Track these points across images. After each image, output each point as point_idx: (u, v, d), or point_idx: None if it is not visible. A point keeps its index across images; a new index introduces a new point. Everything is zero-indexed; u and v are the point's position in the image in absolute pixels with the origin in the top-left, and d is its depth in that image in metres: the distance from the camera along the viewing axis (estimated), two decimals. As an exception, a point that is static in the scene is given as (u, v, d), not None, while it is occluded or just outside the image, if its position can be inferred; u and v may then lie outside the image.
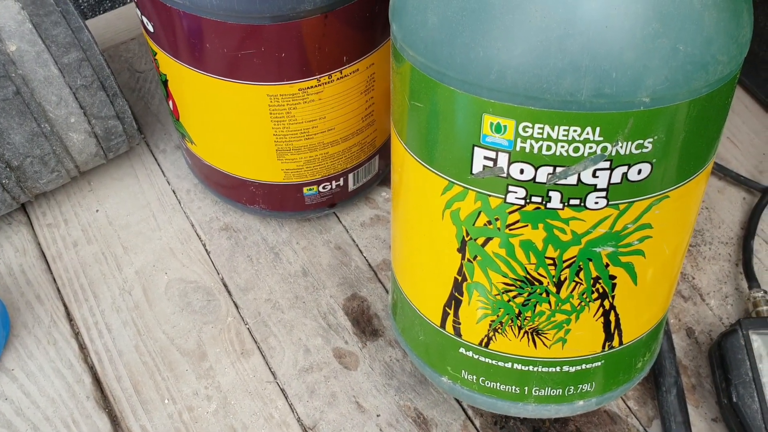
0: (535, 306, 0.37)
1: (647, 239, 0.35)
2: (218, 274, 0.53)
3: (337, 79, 0.44)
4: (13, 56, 0.47)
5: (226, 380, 0.49)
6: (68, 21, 0.48)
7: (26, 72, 0.47)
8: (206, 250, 0.54)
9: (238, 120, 0.45)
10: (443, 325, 0.41)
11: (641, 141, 0.31)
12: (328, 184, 0.51)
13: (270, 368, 0.50)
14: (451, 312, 0.40)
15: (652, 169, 0.33)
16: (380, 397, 0.49)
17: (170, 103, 0.49)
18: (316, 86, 0.43)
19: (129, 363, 0.50)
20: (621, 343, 0.40)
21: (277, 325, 0.51)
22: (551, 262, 0.35)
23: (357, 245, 0.55)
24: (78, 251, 0.54)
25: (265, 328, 0.51)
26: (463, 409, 0.49)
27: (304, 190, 0.51)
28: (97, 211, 0.56)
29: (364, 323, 0.52)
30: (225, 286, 0.53)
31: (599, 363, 0.40)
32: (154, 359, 0.50)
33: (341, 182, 0.52)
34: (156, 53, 0.44)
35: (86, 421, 0.48)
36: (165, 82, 0.47)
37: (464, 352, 0.41)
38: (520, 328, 0.39)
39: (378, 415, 0.48)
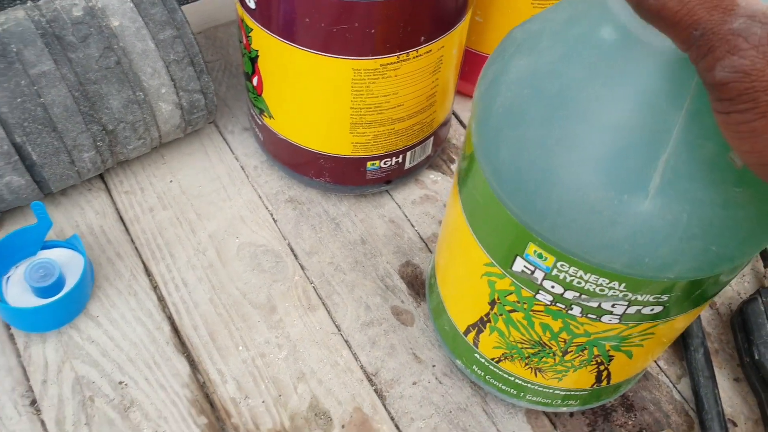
0: (542, 358, 0.42)
1: (648, 338, 0.40)
2: (285, 239, 0.57)
3: (413, 57, 0.48)
4: (115, 30, 0.50)
5: (294, 331, 0.52)
6: (164, 2, 0.52)
7: (126, 45, 0.51)
8: (273, 218, 0.58)
9: (321, 93, 0.49)
10: (466, 335, 0.46)
11: (659, 296, 0.35)
12: (389, 160, 0.55)
13: (334, 322, 0.53)
14: (474, 332, 0.45)
15: (664, 309, 0.36)
16: (435, 350, 0.52)
17: (254, 80, 0.52)
18: (395, 63, 0.47)
19: (204, 314, 0.53)
20: (609, 383, 0.45)
21: (339, 285, 0.55)
22: (563, 340, 0.40)
23: (409, 220, 0.59)
24: (154, 216, 0.57)
25: (329, 286, 0.55)
26: (510, 364, 0.52)
27: (368, 164, 0.55)
28: (170, 181, 0.59)
29: (418, 286, 0.55)
30: (291, 250, 0.56)
31: (586, 392, 0.46)
32: (227, 311, 0.53)
33: (400, 159, 0.56)
34: (251, 30, 0.48)
35: (167, 363, 0.51)
36: (254, 59, 0.51)
37: (478, 357, 0.47)
38: (526, 365, 0.44)
39: (434, 366, 0.52)
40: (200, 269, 0.55)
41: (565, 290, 0.36)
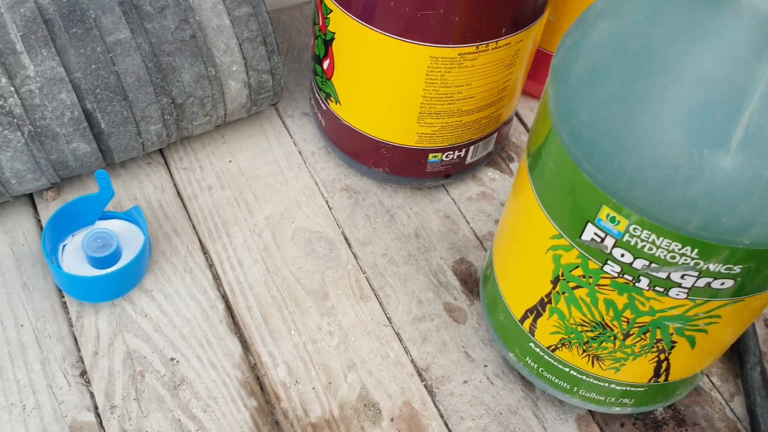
0: (601, 342, 0.41)
1: (714, 324, 0.38)
2: (339, 227, 0.56)
3: (492, 48, 0.46)
4: (192, 4, 0.49)
5: (346, 319, 0.51)
6: (241, -20, 0.51)
7: (202, 19, 0.50)
8: (329, 206, 0.57)
9: (395, 80, 0.48)
10: (522, 321, 0.44)
11: (731, 265, 0.33)
12: (452, 153, 0.54)
13: (386, 313, 0.52)
14: (531, 317, 0.43)
15: (735, 283, 0.34)
16: (487, 350, 0.51)
17: (325, 63, 0.51)
18: (473, 53, 0.46)
19: (258, 295, 0.51)
20: (666, 380, 0.43)
21: (392, 277, 0.53)
22: (626, 320, 0.38)
23: (464, 216, 0.57)
24: (212, 194, 0.56)
25: (382, 278, 0.53)
26: (562, 369, 0.51)
27: (430, 156, 0.54)
28: (230, 161, 0.58)
29: (472, 284, 0.54)
30: (345, 238, 0.55)
31: (643, 389, 0.44)
32: (281, 294, 0.52)
33: (462, 153, 0.54)
34: (331, 11, 0.47)
35: (219, 343, 0.49)
36: (328, 42, 0.49)
37: (533, 347, 0.45)
38: (584, 351, 0.42)
39: (485, 366, 0.50)
40: (256, 251, 0.53)
41: (635, 258, 0.34)
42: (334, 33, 0.48)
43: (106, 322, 0.49)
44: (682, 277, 0.34)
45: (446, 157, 0.54)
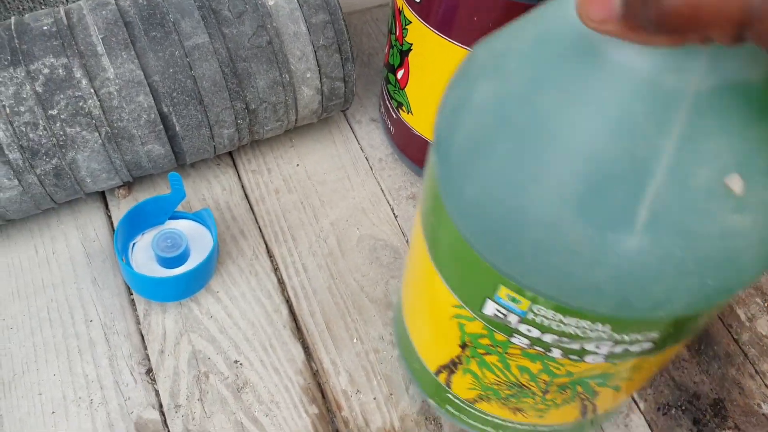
0: (520, 398, 0.38)
1: (636, 371, 0.35)
2: (404, 236, 0.55)
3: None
4: (270, 10, 0.49)
5: (409, 331, 0.51)
6: (317, -14, 0.51)
7: (279, 25, 0.49)
8: (394, 214, 0.56)
9: None
10: (437, 375, 0.41)
11: (648, 333, 0.31)
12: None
13: (450, 327, 0.51)
14: (445, 373, 0.40)
15: (653, 345, 0.32)
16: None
17: (399, 73, 0.51)
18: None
19: (322, 301, 0.51)
20: (595, 414, 0.40)
21: (457, 290, 0.53)
22: (542, 381, 0.35)
23: (531, 230, 0.56)
24: (279, 198, 0.56)
25: (446, 290, 0.53)
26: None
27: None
28: (297, 165, 0.58)
29: (537, 300, 0.53)
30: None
31: (569, 426, 0.41)
32: (345, 301, 0.52)
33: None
34: (410, 22, 0.46)
35: (282, 348, 0.49)
36: (404, 52, 0.49)
37: (451, 398, 0.42)
38: (504, 405, 0.39)
39: (548, 384, 0.49)
40: (320, 256, 0.53)
41: (543, 333, 0.31)
42: (411, 44, 0.48)
43: (173, 322, 0.50)
44: (597, 347, 0.31)
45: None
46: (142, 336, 0.49)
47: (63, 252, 0.52)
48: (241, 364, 0.48)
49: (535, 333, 0.31)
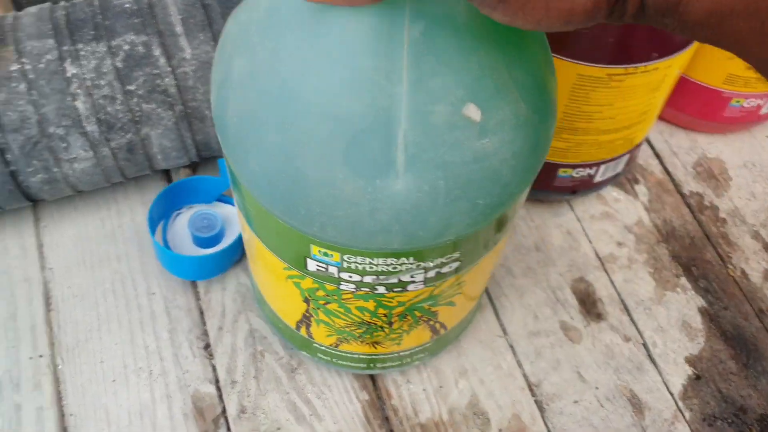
0: (372, 333, 0.41)
1: (461, 287, 0.39)
2: (460, 232, 0.56)
3: (641, 72, 0.45)
4: None
5: (462, 325, 0.51)
6: None
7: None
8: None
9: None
10: (298, 329, 0.44)
11: (450, 254, 0.34)
12: (582, 170, 0.53)
13: (501, 324, 0.52)
14: (304, 326, 0.43)
15: (461, 262, 0.36)
16: (600, 372, 0.50)
17: None
18: (621, 74, 0.45)
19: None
20: (446, 330, 0.45)
21: (509, 288, 0.53)
22: (383, 315, 0.39)
23: (586, 234, 0.57)
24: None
25: (498, 288, 0.53)
26: (675, 401, 0.50)
27: (560, 171, 0.53)
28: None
29: (590, 305, 0.53)
30: (466, 243, 0.55)
31: (429, 344, 0.45)
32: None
33: (592, 171, 0.54)
34: None
35: (336, 333, 0.50)
36: None
37: (318, 346, 0.45)
38: (362, 342, 0.43)
39: (597, 388, 0.50)
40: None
41: (363, 276, 0.35)
42: None
43: (232, 300, 0.51)
44: (412, 276, 0.35)
45: (576, 173, 0.53)
46: (202, 312, 0.50)
47: (128, 226, 0.54)
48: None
49: (356, 278, 0.35)
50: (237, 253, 0.51)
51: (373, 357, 0.45)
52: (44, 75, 0.46)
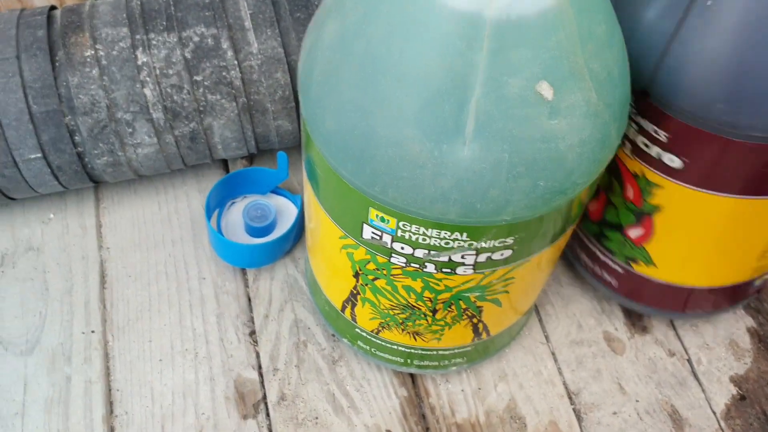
0: (414, 320, 0.42)
1: (510, 284, 0.39)
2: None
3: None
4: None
5: (504, 330, 0.52)
6: None
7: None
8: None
9: (737, 233, 0.44)
10: (343, 311, 0.45)
11: (503, 239, 0.34)
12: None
13: (544, 331, 0.52)
14: (349, 307, 0.44)
15: (513, 252, 0.36)
16: (641, 385, 0.50)
17: (633, 231, 0.47)
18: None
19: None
20: (489, 335, 0.45)
21: (554, 296, 0.54)
22: (428, 299, 0.40)
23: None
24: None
25: (544, 295, 0.54)
26: (717, 420, 0.49)
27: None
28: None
29: (635, 318, 0.53)
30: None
31: (469, 348, 0.46)
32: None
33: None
34: (657, 186, 0.43)
35: (380, 329, 0.51)
36: (644, 212, 0.45)
37: (359, 332, 0.46)
38: (403, 330, 0.44)
39: (637, 401, 0.49)
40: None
41: (415, 249, 0.35)
42: (658, 205, 0.44)
43: (279, 289, 0.52)
44: (462, 257, 0.35)
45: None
46: (249, 299, 0.52)
47: (184, 211, 0.55)
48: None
49: (408, 250, 0.36)
50: (287, 244, 0.53)
51: (412, 351, 0.46)
52: (116, 62, 0.49)
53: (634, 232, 0.47)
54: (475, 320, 0.43)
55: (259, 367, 0.49)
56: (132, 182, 0.57)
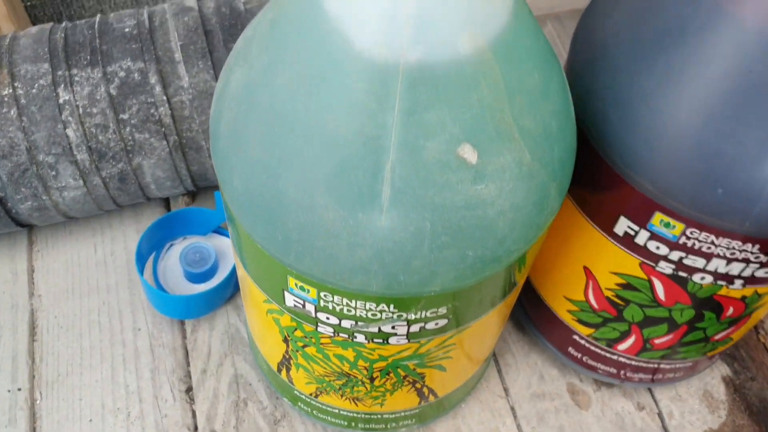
0: (353, 387, 0.39)
1: (452, 350, 0.36)
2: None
3: None
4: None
5: (460, 383, 0.48)
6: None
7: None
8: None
9: None
10: (279, 372, 0.42)
11: (435, 309, 0.31)
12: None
13: (503, 384, 0.48)
14: (284, 369, 0.41)
15: (449, 321, 0.32)
16: (607, 444, 0.47)
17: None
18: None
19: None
20: (437, 397, 0.42)
21: (515, 344, 0.50)
22: (363, 368, 0.36)
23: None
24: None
25: (504, 343, 0.50)
26: (689, 482, 0.46)
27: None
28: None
29: (601, 366, 0.50)
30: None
31: (417, 410, 0.42)
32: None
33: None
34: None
35: (326, 383, 0.48)
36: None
37: (298, 394, 0.43)
38: (342, 396, 0.40)
39: (602, 461, 0.46)
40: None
41: (341, 320, 0.32)
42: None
43: (219, 341, 0.49)
44: (393, 327, 0.32)
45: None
46: (187, 352, 0.48)
47: (121, 254, 0.52)
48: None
49: (333, 320, 0.32)
50: (228, 291, 0.49)
51: (355, 415, 0.42)
52: (36, 101, 0.45)
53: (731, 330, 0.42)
54: (418, 385, 0.40)
55: (195, 428, 0.46)
56: (67, 223, 0.53)
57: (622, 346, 0.43)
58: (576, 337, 0.45)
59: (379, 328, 0.33)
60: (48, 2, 0.59)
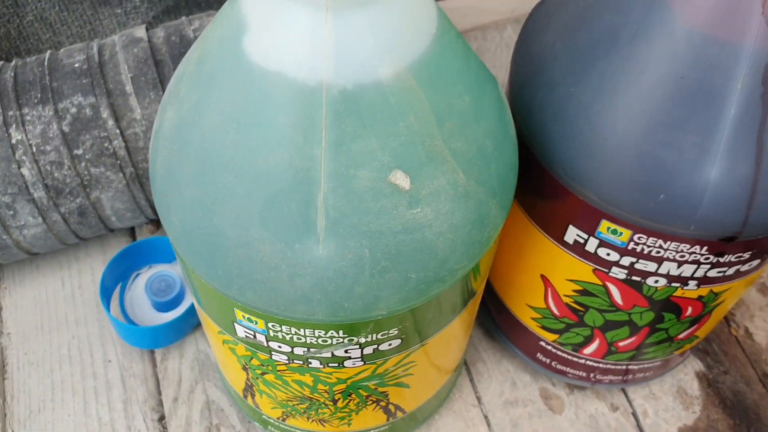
0: (317, 410, 0.39)
1: (412, 367, 0.36)
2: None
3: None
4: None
5: (432, 395, 0.48)
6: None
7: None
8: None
9: None
10: (245, 398, 0.42)
11: (386, 331, 0.31)
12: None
13: (476, 392, 0.49)
14: (249, 396, 0.41)
15: (402, 341, 0.33)
16: (582, 447, 0.47)
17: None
18: None
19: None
20: (405, 413, 0.42)
21: (487, 352, 0.50)
22: (324, 391, 0.36)
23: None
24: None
25: (475, 352, 0.50)
26: (665, 480, 0.46)
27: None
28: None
29: (573, 369, 0.50)
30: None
31: (386, 426, 0.42)
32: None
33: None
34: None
35: (298, 404, 0.48)
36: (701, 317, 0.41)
37: (267, 418, 0.43)
38: (308, 419, 0.40)
39: (577, 465, 0.46)
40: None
41: (293, 347, 0.32)
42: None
43: (189, 368, 0.49)
44: (346, 351, 0.32)
45: None
46: (158, 380, 0.48)
47: (89, 286, 0.52)
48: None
49: (286, 348, 0.32)
50: (195, 317, 0.49)
51: None
52: (-12, 141, 0.45)
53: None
54: (383, 404, 0.40)
55: (170, 456, 0.46)
56: (33, 258, 0.53)
57: (588, 350, 0.43)
58: (542, 343, 0.45)
59: (332, 353, 0.33)
60: (3, 37, 0.59)
